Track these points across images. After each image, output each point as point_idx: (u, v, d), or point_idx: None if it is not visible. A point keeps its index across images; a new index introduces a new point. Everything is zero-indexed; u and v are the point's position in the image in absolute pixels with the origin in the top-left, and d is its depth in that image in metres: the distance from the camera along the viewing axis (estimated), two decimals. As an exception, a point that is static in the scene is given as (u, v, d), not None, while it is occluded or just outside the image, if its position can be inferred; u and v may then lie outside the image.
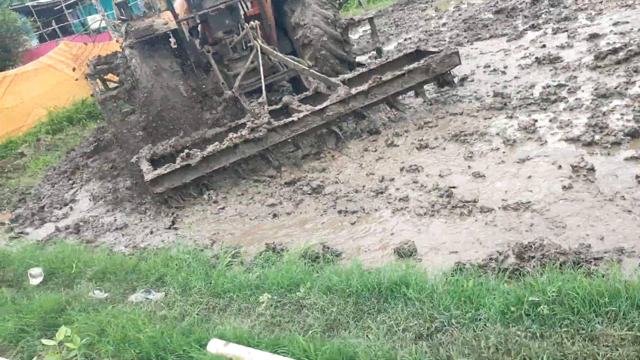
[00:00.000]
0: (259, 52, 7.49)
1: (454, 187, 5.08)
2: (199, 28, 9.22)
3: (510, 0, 11.47)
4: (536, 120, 5.80)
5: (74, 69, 12.07)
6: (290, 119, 6.59)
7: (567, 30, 8.25)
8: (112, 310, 4.36)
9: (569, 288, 3.16)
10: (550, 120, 5.75)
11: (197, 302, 4.28)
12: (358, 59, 9.16)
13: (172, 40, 8.44)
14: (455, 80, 7.50)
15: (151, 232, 6.14)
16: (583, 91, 6.18)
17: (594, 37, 7.60)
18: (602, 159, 4.77)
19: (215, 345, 3.48)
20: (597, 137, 5.12)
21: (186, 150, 6.40)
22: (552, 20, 9.13)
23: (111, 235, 6.41)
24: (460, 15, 12.05)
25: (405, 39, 11.68)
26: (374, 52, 9.29)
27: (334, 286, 3.90)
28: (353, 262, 4.14)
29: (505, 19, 10.30)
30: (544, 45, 7.97)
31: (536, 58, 7.51)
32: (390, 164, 6.03)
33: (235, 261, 4.91)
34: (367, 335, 3.37)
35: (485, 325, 3.18)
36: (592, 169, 4.61)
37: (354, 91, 6.76)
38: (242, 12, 9.00)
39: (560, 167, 4.86)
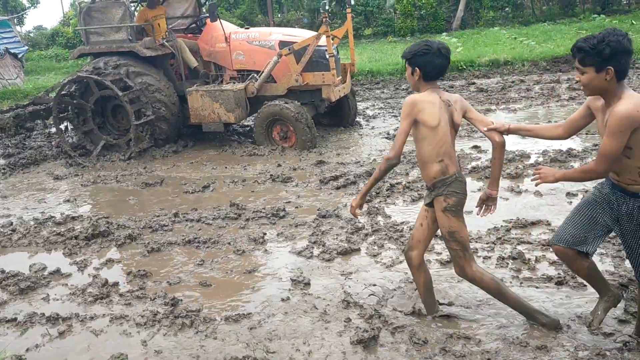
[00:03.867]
0: None
1: (179, 296, 4.95)
2: None
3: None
4: (265, 233, 6.15)
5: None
6: None
7: (300, 154, 9.20)
8: None
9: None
10: (277, 234, 6.14)
11: None
12: None
13: None
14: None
15: None
16: (308, 209, 6.82)
17: (320, 163, 8.60)
18: (318, 274, 5.20)
19: None
20: (315, 252, 5.61)
21: None
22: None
23: None
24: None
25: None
26: None
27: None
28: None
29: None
30: (279, 165, 8.71)
31: (271, 175, 8.13)
32: (116, 268, 5.67)
33: None
34: None
35: None
36: (308, 284, 4.98)
37: None
38: None
39: (281, 279, 5.15)
